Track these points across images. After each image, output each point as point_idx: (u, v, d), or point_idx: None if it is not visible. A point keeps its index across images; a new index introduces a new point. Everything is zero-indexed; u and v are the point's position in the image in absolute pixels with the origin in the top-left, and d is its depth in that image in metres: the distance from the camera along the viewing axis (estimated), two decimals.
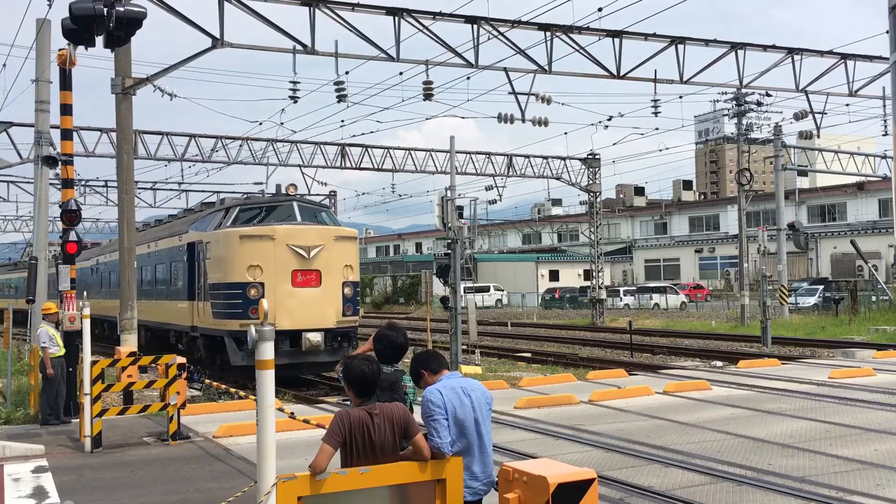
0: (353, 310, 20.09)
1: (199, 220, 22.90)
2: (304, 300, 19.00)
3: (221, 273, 19.70)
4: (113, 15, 11.93)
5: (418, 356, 5.71)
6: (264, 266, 18.93)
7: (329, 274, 19.46)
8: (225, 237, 19.83)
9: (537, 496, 5.07)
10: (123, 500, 9.04)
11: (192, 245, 22.10)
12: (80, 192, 45.02)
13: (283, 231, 19.32)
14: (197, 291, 21.50)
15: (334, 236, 19.82)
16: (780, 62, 25.34)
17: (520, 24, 21.63)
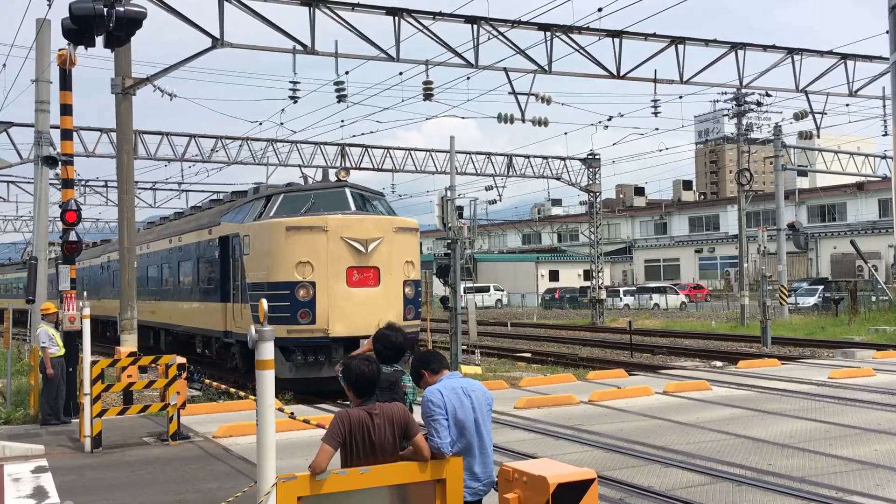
0: (415, 313, 17.82)
1: (234, 211, 20.10)
2: (361, 302, 16.59)
3: (264, 271, 17.21)
4: (113, 15, 11.94)
5: (419, 356, 5.71)
6: (315, 262, 16.50)
7: (389, 271, 17.00)
8: (268, 229, 17.20)
9: (537, 496, 5.08)
10: (123, 500, 9.04)
11: (226, 239, 19.63)
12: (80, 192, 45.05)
13: (337, 221, 16.74)
14: (232, 292, 19.05)
15: (394, 227, 17.24)
16: (780, 62, 25.34)
17: (520, 24, 21.63)
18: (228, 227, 19.65)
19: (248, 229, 18.16)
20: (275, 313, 16.13)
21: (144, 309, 26.16)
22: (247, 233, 18.11)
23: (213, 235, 20.63)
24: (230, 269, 19.24)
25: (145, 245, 27.95)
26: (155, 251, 27.20)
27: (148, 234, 29.81)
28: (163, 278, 26.06)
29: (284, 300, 16.42)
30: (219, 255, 19.90)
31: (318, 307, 16.16)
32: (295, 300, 16.40)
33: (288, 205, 17.75)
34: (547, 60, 22.04)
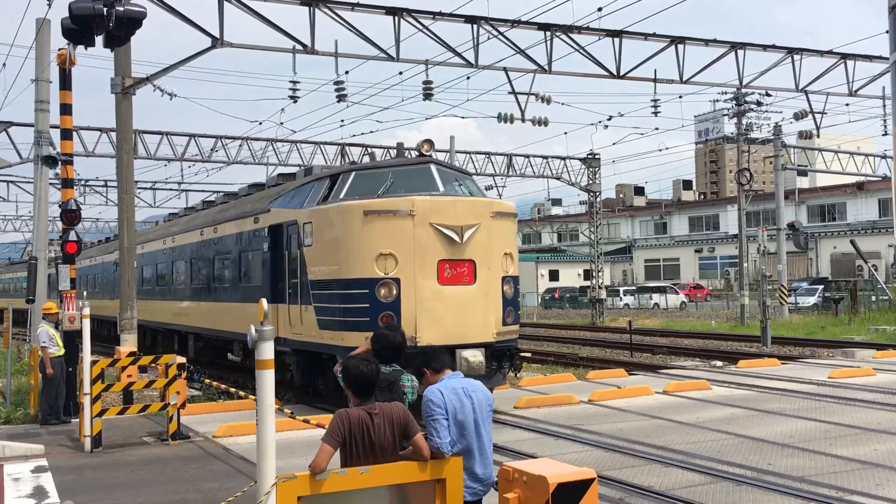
0: (515, 316, 14.58)
1: (287, 195, 16.96)
2: (455, 303, 13.55)
3: (334, 265, 14.19)
4: (113, 15, 11.94)
5: (422, 354, 5.71)
6: (399, 255, 13.42)
7: (486, 265, 13.87)
8: (340, 214, 14.17)
9: (537, 496, 5.08)
10: (123, 500, 9.04)
11: (278, 228, 16.57)
12: (80, 192, 45.08)
13: (426, 204, 13.60)
14: (288, 291, 15.97)
15: (492, 212, 14.10)
16: (779, 62, 25.36)
17: (520, 23, 21.64)
18: (281, 214, 16.53)
19: (310, 215, 15.01)
20: (349, 317, 13.64)
21: (168, 311, 24.69)
22: (308, 219, 15.04)
23: (259, 225, 17.68)
24: (283, 263, 16.27)
25: (169, 239, 25.33)
26: (181, 245, 24.03)
27: (172, 227, 26.86)
28: (192, 276, 22.97)
29: (361, 301, 13.47)
30: (268, 247, 16.96)
31: (404, 309, 13.20)
32: (375, 301, 13.33)
33: (361, 185, 14.55)
34: (547, 60, 22.05)
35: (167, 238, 25.58)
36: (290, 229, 15.92)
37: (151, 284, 27.43)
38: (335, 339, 14.00)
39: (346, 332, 13.60)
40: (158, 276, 26.73)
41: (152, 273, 27.46)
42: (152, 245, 27.42)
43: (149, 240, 28.30)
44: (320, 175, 16.09)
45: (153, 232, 29.79)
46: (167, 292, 25.26)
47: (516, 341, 14.63)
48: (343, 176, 14.96)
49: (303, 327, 14.99)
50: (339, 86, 22.71)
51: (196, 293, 22.33)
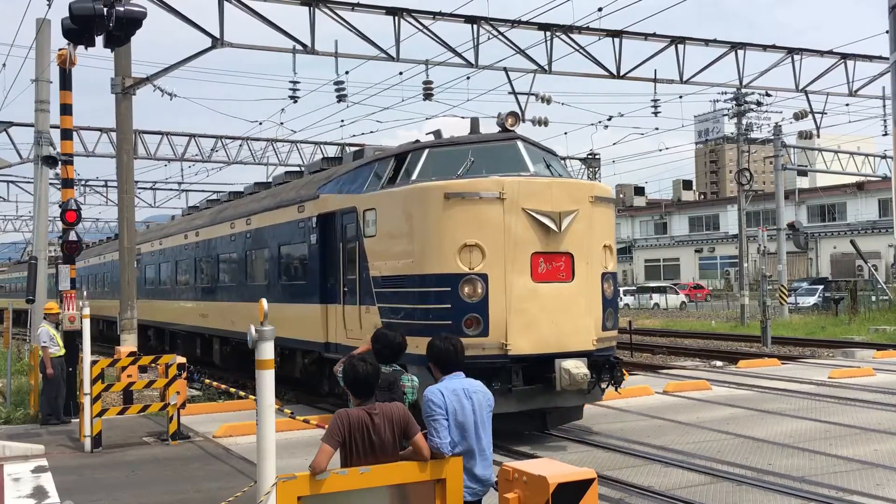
0: (614, 320, 12.78)
1: (339, 179, 14.85)
2: (551, 304, 11.47)
3: (406, 258, 12.06)
4: (113, 15, 11.94)
5: (436, 348, 5.66)
6: (487, 246, 11.35)
7: (585, 259, 11.81)
8: (416, 197, 11.98)
9: (537, 496, 5.08)
10: (123, 500, 9.04)
11: (329, 217, 14.56)
12: (80, 192, 45.09)
13: (518, 186, 11.50)
14: (343, 289, 13.86)
15: (591, 197, 11.98)
16: (780, 62, 25.37)
17: (520, 24, 21.64)
18: (333, 201, 14.43)
19: (373, 201, 13.00)
20: (425, 319, 11.51)
21: (190, 312, 22.71)
22: (370, 205, 13.02)
23: (305, 214, 15.58)
24: (336, 257, 14.21)
25: (192, 233, 23.06)
26: (207, 240, 21.90)
27: (195, 220, 24.46)
28: (218, 273, 20.90)
29: (442, 301, 11.43)
30: (316, 239, 14.92)
31: (492, 311, 11.22)
32: (458, 301, 11.29)
33: (435, 164, 12.50)
34: (547, 60, 22.05)
35: (189, 232, 23.43)
36: (346, 218, 13.84)
37: (170, 283, 25.38)
38: (409, 346, 11.75)
39: (422, 339, 11.27)
40: (178, 273, 24.62)
41: (171, 271, 25.33)
42: (172, 240, 25.31)
43: (168, 234, 26.15)
44: (383, 155, 14.03)
45: (173, 226, 27.37)
46: (189, 291, 23.27)
47: (615, 349, 12.81)
48: (413, 155, 12.82)
49: (362, 332, 12.61)
50: (339, 86, 22.73)
51: (224, 292, 20.22)
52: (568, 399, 11.55)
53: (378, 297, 12.62)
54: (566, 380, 11.02)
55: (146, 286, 27.58)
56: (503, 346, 11.10)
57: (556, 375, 11.07)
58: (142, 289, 27.52)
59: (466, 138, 13.05)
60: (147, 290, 27.37)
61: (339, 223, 14.14)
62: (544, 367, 11.22)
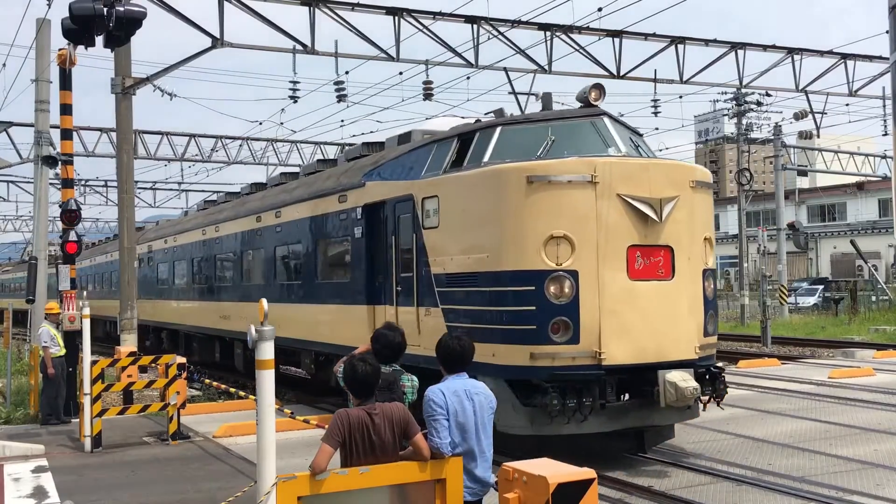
0: (715, 324, 11.05)
1: (389, 164, 13.28)
2: (650, 305, 9.96)
3: (478, 253, 10.44)
4: (113, 15, 11.95)
5: (449, 348, 5.66)
6: (577, 238, 9.83)
7: (686, 253, 10.31)
8: (491, 182, 10.39)
9: (537, 496, 5.08)
10: (123, 500, 9.04)
11: (377, 207, 12.97)
12: (80, 192, 45.09)
13: (612, 168, 10.00)
14: (394, 289, 12.30)
15: (691, 181, 10.49)
16: (780, 62, 25.38)
17: (520, 23, 21.65)
18: (383, 189, 12.87)
19: (434, 187, 11.39)
20: (503, 323, 10.01)
21: (212, 313, 20.71)
22: (431, 192, 11.41)
23: (348, 204, 13.94)
24: (386, 252, 12.65)
25: (211, 228, 21.37)
26: (227, 236, 20.16)
27: (213, 214, 22.58)
28: (241, 272, 19.12)
29: (523, 302, 9.87)
30: (362, 232, 13.36)
31: (584, 314, 9.72)
32: (544, 302, 9.76)
33: (509, 144, 10.95)
34: (547, 60, 22.05)
35: (208, 227, 21.66)
36: (400, 207, 12.23)
37: (185, 282, 23.58)
38: (481, 354, 8.89)
39: (500, 346, 9.88)
40: (196, 272, 22.83)
41: (187, 269, 23.52)
42: (188, 237, 23.45)
43: (183, 230, 24.27)
44: (443, 135, 12.37)
45: (188, 221, 25.31)
46: (208, 291, 21.48)
47: (713, 358, 10.94)
48: (483, 134, 11.24)
49: (420, 337, 11.03)
50: (339, 86, 22.73)
51: (248, 292, 18.42)
52: (667, 416, 10.10)
53: (442, 297, 11.02)
54: (672, 395, 9.47)
55: (159, 285, 26.20)
56: (596, 355, 9.58)
57: (660, 389, 9.55)
58: (154, 288, 26.43)
59: (544, 115, 11.39)
60: (160, 289, 26.05)
61: (390, 214, 12.57)
62: (641, 379, 9.77)
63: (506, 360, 9.83)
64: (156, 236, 27.27)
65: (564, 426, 9.50)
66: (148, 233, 29.37)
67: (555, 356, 9.59)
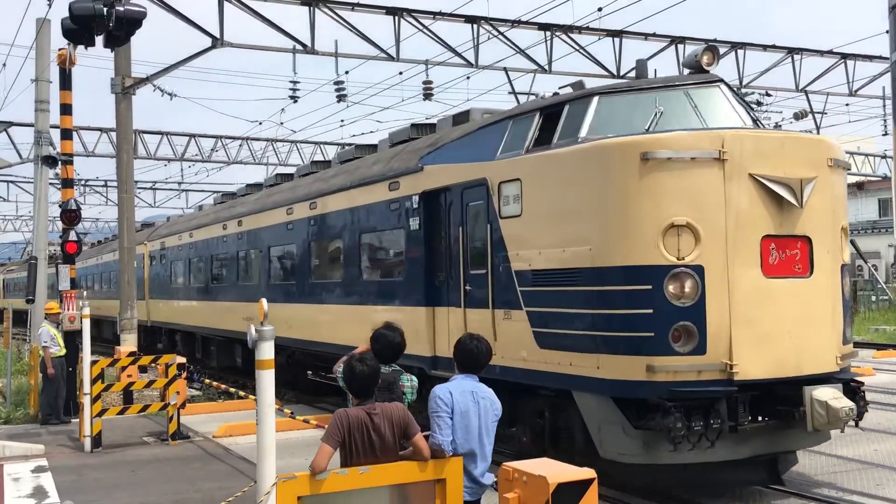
0: (851, 329, 9.73)
1: (452, 145, 11.61)
2: (788, 307, 8.44)
3: (576, 245, 8.87)
4: (113, 15, 11.95)
5: (466, 349, 5.67)
6: (702, 227, 8.26)
7: (824, 245, 8.80)
8: (594, 161, 8.82)
9: (537, 496, 5.08)
10: (123, 500, 9.04)
11: (438, 195, 11.45)
12: (80, 192, 45.10)
13: (743, 143, 8.42)
14: (463, 288, 10.71)
15: (829, 159, 8.88)
16: (780, 62, 25.39)
17: (520, 23, 21.65)
18: (447, 173, 11.28)
19: (516, 168, 9.82)
20: (606, 330, 8.50)
21: (233, 314, 19.19)
22: (511, 175, 9.87)
23: (401, 192, 12.39)
24: (451, 245, 11.13)
25: (233, 222, 19.65)
26: (252, 231, 18.53)
27: (234, 207, 20.86)
28: (270, 269, 17.56)
29: (637, 304, 8.33)
30: (419, 222, 11.83)
31: (711, 319, 8.23)
32: (663, 304, 8.20)
33: (609, 117, 9.29)
34: (547, 60, 22.06)
35: (229, 222, 20.05)
36: (469, 194, 10.70)
37: (204, 281, 21.93)
38: (580, 366, 8.64)
39: (606, 356, 8.40)
40: (215, 270, 21.27)
41: (205, 267, 21.88)
42: (205, 232, 21.83)
43: (200, 225, 22.59)
44: (520, 110, 10.72)
45: (205, 216, 23.74)
46: (229, 290, 19.87)
47: (848, 368, 9.27)
48: (575, 106, 9.54)
49: (497, 344, 9.58)
50: (339, 86, 22.76)
51: (277, 292, 16.78)
52: (803, 440, 8.73)
53: (526, 298, 9.49)
54: (821, 416, 8.03)
55: (173, 285, 24.52)
56: (726, 368, 8.03)
57: (808, 409, 8.11)
58: (167, 288, 24.94)
59: (649, 82, 9.71)
60: (174, 289, 24.40)
61: (455, 201, 11.02)
62: (776, 396, 8.35)
63: (614, 374, 8.32)
64: (169, 232, 25.56)
65: (688, 453, 8.01)
66: (160, 229, 27.76)
67: (676, 369, 8.07)
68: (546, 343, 9.14)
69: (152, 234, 27.43)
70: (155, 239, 26.48)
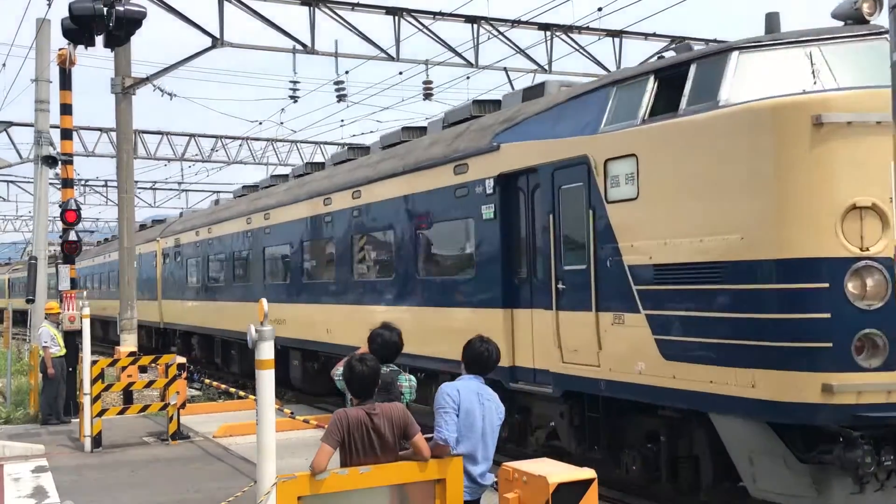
0: None
1: (538, 119, 10.03)
2: None
3: (717, 233, 7.34)
4: (113, 15, 11.95)
5: (476, 351, 5.67)
6: (890, 209, 6.76)
7: None
8: (741, 128, 7.22)
9: (537, 496, 5.08)
10: (123, 500, 9.04)
11: (518, 178, 10.02)
12: (80, 192, 45.10)
13: None
14: (554, 286, 9.22)
15: None
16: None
17: (520, 23, 21.65)
18: (531, 152, 9.71)
19: (630, 143, 8.27)
20: (760, 339, 6.96)
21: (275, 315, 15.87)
22: (624, 150, 8.33)
23: (470, 175, 10.82)
24: (537, 236, 9.68)
25: (259, 216, 18.04)
26: (282, 224, 16.90)
27: (262, 199, 19.00)
28: (303, 266, 15.86)
29: (810, 307, 6.83)
30: (495, 210, 10.25)
31: None
32: (843, 307, 6.74)
33: (751, 76, 7.53)
34: (547, 60, 22.05)
35: (253, 215, 18.44)
36: (561, 175, 9.17)
37: (224, 280, 20.24)
38: (723, 383, 7.12)
39: (764, 372, 6.86)
40: (236, 268, 19.63)
41: (226, 265, 20.25)
42: (226, 227, 20.27)
43: (219, 220, 21.02)
44: (622, 75, 9.12)
45: (225, 209, 21.75)
46: (253, 291, 18.00)
47: None
48: (705, 64, 7.88)
49: (603, 355, 8.35)
50: (339, 86, 22.74)
51: (313, 292, 15.25)
52: None
53: (645, 298, 7.92)
54: None
55: (190, 284, 22.88)
56: None
57: None
58: (182, 287, 23.40)
59: (797, 35, 7.80)
60: (190, 288, 22.88)
61: (544, 184, 9.47)
62: None
63: (777, 395, 6.76)
64: (185, 228, 23.62)
65: (873, 495, 6.75)
66: (175, 224, 25.90)
67: (860, 389, 6.54)
68: (674, 354, 7.57)
69: (165, 229, 25.49)
70: (169, 235, 24.72)
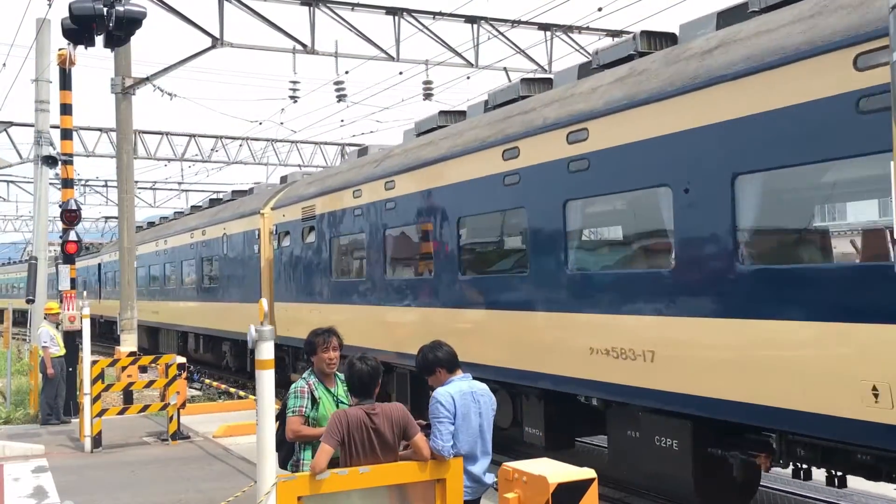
0: None
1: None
2: None
3: None
4: (113, 15, 11.94)
5: (437, 350, 5.68)
6: None
7: None
8: None
9: (537, 496, 5.07)
10: (123, 500, 9.04)
11: None
12: (80, 192, 45.08)
13: None
14: None
15: None
16: None
17: (520, 23, 21.65)
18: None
19: None
20: None
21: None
22: None
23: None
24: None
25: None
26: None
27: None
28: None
29: None
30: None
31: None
32: None
33: None
34: (547, 60, 22.05)
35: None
36: None
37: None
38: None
39: None
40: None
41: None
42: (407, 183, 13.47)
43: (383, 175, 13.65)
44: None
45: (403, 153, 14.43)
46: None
47: None
48: None
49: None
50: (339, 86, 22.72)
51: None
52: None
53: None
54: None
55: (336, 277, 14.98)
56: None
57: None
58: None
59: None
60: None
61: None
62: None
63: None
64: (322, 190, 15.88)
65: None
66: (297, 187, 17.96)
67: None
68: None
69: (281, 195, 17.53)
70: (287, 204, 16.66)
